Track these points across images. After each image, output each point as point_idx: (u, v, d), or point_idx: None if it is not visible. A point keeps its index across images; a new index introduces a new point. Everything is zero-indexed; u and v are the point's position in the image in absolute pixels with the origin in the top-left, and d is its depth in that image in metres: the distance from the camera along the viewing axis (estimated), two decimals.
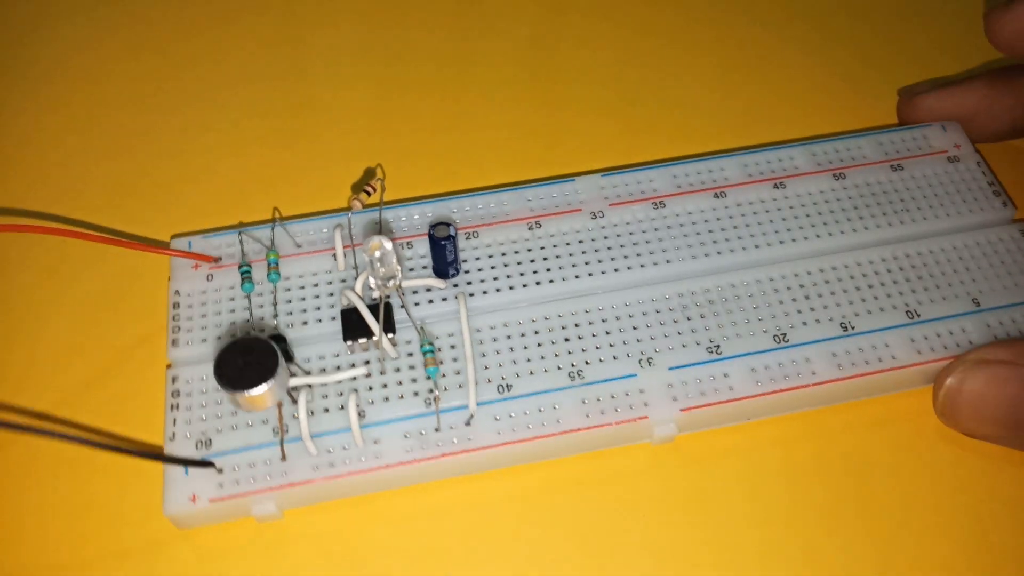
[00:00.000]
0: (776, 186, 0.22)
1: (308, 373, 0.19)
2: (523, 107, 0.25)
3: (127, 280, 0.21)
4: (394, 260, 0.17)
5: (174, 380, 0.19)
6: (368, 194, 0.19)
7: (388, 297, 0.20)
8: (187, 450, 0.18)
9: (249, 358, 0.16)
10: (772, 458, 0.19)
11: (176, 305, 0.20)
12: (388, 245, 0.16)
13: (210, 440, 0.18)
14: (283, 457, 0.18)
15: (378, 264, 0.17)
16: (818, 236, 0.21)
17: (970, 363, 0.19)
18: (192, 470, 0.18)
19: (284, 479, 0.18)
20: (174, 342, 0.19)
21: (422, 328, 0.19)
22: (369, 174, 0.22)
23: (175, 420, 0.18)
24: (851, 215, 0.22)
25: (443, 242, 0.19)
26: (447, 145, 0.24)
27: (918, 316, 0.20)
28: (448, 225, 0.19)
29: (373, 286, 0.17)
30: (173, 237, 0.21)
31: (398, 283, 0.17)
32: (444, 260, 0.20)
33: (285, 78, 0.26)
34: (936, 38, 0.27)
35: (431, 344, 0.18)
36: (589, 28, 0.27)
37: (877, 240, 0.22)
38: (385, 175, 0.20)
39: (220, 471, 0.18)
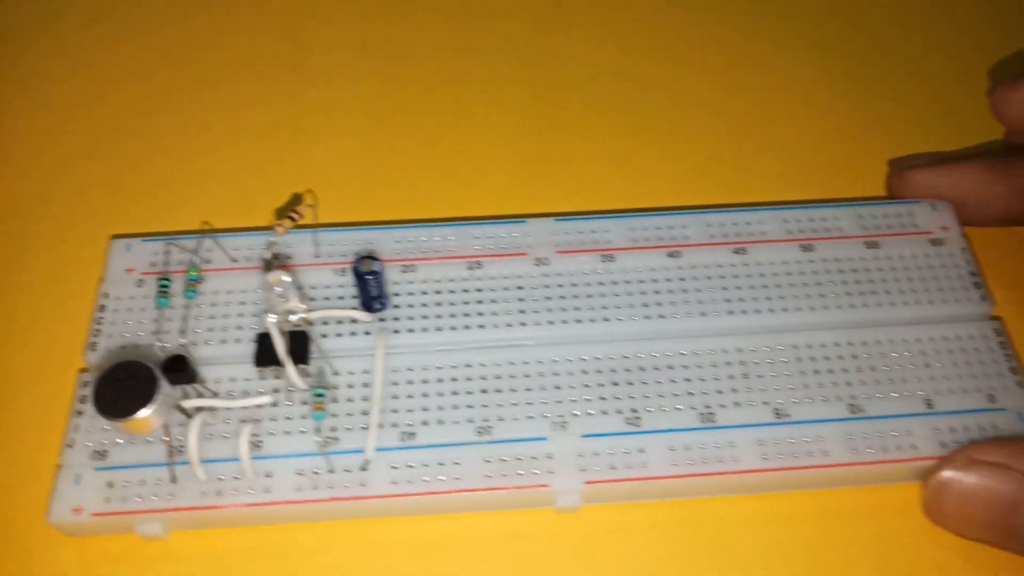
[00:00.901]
0: (737, 251, 0.21)
1: (215, 395, 0.19)
2: (502, 138, 0.25)
3: (59, 275, 0.21)
4: (295, 294, 0.16)
5: (84, 385, 0.19)
6: (292, 220, 0.18)
7: (309, 326, 0.20)
8: (82, 459, 0.18)
9: (130, 382, 0.16)
10: (681, 539, 0.18)
11: (102, 308, 0.20)
12: (287, 279, 0.16)
13: (106, 452, 0.18)
14: (173, 479, 0.18)
15: (279, 298, 0.16)
16: (771, 311, 0.20)
17: (960, 462, 0.18)
18: (84, 480, 0.18)
19: (170, 502, 0.18)
20: (92, 346, 0.19)
21: (320, 369, 0.19)
22: (296, 200, 0.22)
23: (77, 426, 0.18)
24: (811, 291, 0.21)
25: (366, 276, 0.19)
26: (400, 172, 0.24)
27: (861, 411, 0.19)
28: (373, 259, 0.19)
29: (274, 320, 0.17)
30: (113, 237, 0.21)
31: (302, 317, 0.17)
32: (368, 294, 0.19)
33: (278, 82, 0.26)
34: (937, 110, 0.25)
35: (323, 388, 0.18)
36: (579, 58, 0.27)
37: (834, 322, 0.20)
38: (317, 201, 0.19)
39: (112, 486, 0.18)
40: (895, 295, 0.21)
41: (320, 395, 0.17)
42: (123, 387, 0.16)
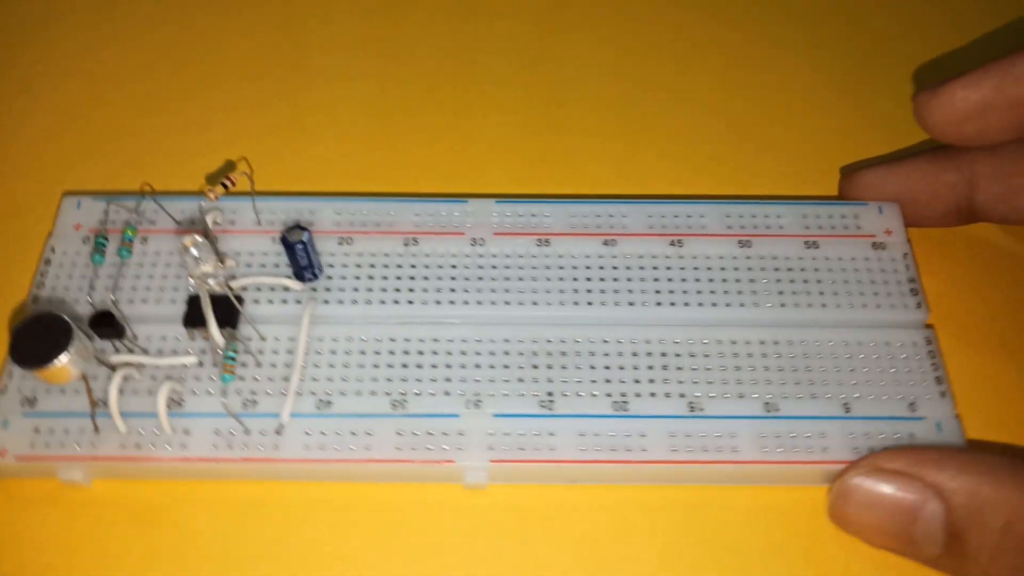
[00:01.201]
0: (673, 243, 0.21)
1: (144, 352, 0.19)
2: (502, 139, 0.25)
3: (9, 229, 0.22)
4: (210, 258, 0.17)
5: None
6: (225, 187, 0.19)
7: (242, 291, 0.20)
8: (12, 405, 0.19)
9: (46, 334, 0.16)
10: (585, 524, 0.19)
11: (48, 262, 0.21)
12: (200, 241, 0.16)
13: (36, 399, 0.19)
14: (96, 429, 0.18)
15: (194, 260, 0.17)
16: (700, 304, 0.20)
17: (865, 468, 0.18)
18: (12, 425, 0.18)
19: (91, 451, 0.18)
20: (34, 299, 0.20)
21: (247, 334, 0.19)
22: (229, 167, 0.23)
23: (11, 373, 0.19)
24: (744, 287, 0.21)
25: (295, 245, 0.19)
26: (354, 142, 0.24)
27: (776, 410, 0.19)
28: (302, 229, 0.19)
29: (192, 283, 0.17)
30: (65, 194, 0.22)
31: (223, 282, 0.17)
32: (297, 263, 0.20)
33: (270, 54, 0.26)
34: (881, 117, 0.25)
35: (235, 351, 0.18)
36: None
37: (763, 320, 0.20)
38: (252, 169, 0.20)
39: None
40: (828, 296, 0.20)
41: (231, 358, 0.18)
42: (39, 338, 0.16)
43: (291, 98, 0.25)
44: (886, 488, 0.17)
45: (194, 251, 0.16)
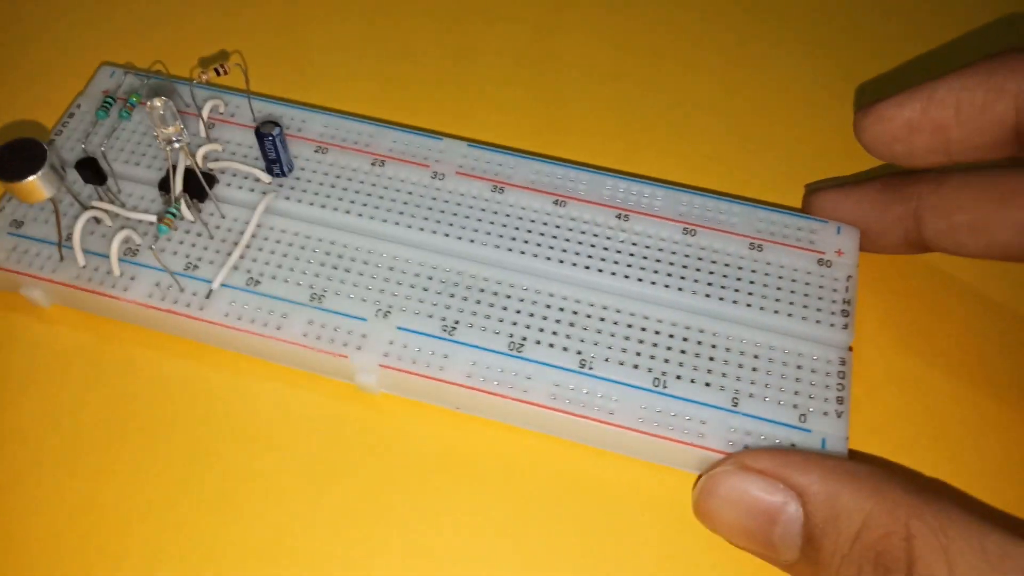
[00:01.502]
0: (619, 216, 0.22)
1: (123, 204, 0.22)
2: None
3: (48, 81, 0.25)
4: (173, 121, 0.19)
5: None
6: (217, 73, 0.21)
7: (220, 173, 0.22)
8: (3, 224, 0.21)
9: (22, 156, 0.19)
10: (460, 452, 0.20)
11: (71, 115, 0.23)
12: (158, 103, 0.18)
13: (22, 222, 0.22)
14: (61, 258, 0.21)
15: (159, 122, 0.19)
16: (626, 276, 0.21)
17: (730, 465, 0.18)
18: None
19: (51, 275, 0.21)
20: (50, 142, 0.23)
21: (204, 209, 0.21)
22: (223, 56, 0.25)
23: (9, 198, 0.22)
24: (674, 271, 0.21)
25: (265, 137, 0.21)
26: (368, 62, 0.26)
27: (664, 387, 0.19)
28: (275, 124, 0.21)
29: (162, 144, 0.19)
30: (103, 63, 0.25)
31: (183, 145, 0.19)
32: (266, 156, 0.22)
33: None
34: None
35: (176, 208, 0.20)
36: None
37: (681, 303, 0.20)
38: (247, 64, 0.22)
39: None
40: (757, 298, 0.21)
41: (171, 213, 0.20)
42: (18, 159, 0.19)
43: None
44: (749, 487, 0.17)
45: (160, 110, 0.19)
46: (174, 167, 0.21)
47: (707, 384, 0.19)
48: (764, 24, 0.27)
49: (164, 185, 0.22)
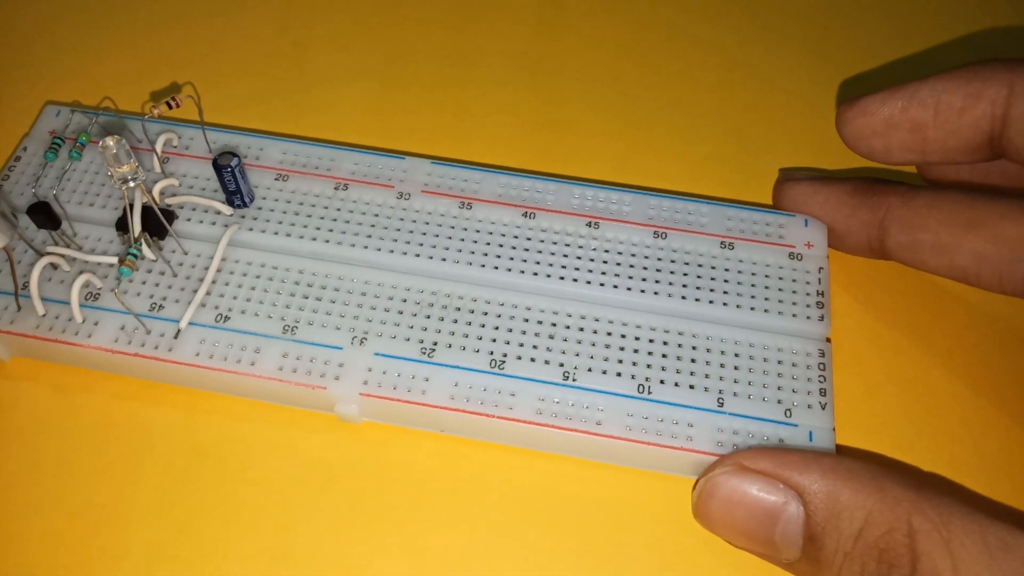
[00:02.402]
0: (589, 224, 0.22)
1: (79, 248, 0.21)
2: (502, 139, 0.25)
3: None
4: (127, 159, 0.18)
5: None
6: (169, 106, 0.20)
7: (179, 208, 0.22)
8: None
9: None
10: (449, 473, 0.19)
11: (18, 158, 0.23)
12: (111, 143, 0.18)
13: None
14: (18, 308, 0.20)
15: (113, 162, 0.18)
16: (601, 284, 0.21)
17: (729, 467, 0.18)
18: None
19: (10, 327, 0.20)
20: None
21: (166, 247, 0.21)
22: (175, 88, 0.24)
23: None
24: (648, 275, 0.21)
25: (225, 169, 0.21)
26: (327, 89, 0.25)
27: (649, 393, 0.19)
28: (233, 155, 0.21)
29: (117, 184, 0.19)
30: (47, 103, 0.24)
31: (139, 183, 0.19)
32: (226, 188, 0.21)
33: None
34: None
35: (138, 248, 0.20)
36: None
37: (658, 307, 0.20)
38: (199, 96, 0.21)
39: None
40: (732, 296, 0.21)
41: (133, 255, 0.19)
42: None
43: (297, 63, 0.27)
44: (749, 488, 0.17)
45: (113, 149, 0.18)
46: (131, 206, 0.20)
47: (691, 386, 0.19)
48: (763, 30, 0.28)
49: (121, 225, 0.21)
